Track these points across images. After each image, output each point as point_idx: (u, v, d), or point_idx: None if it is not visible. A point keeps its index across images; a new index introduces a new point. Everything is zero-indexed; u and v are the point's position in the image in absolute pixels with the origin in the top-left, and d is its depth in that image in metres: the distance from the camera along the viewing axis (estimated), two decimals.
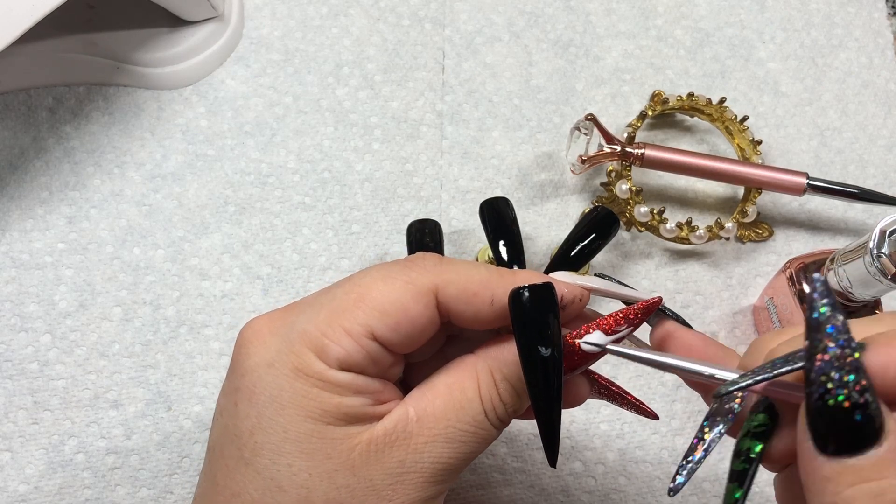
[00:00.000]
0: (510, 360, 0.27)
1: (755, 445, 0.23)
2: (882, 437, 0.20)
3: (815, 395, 0.20)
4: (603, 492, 0.40)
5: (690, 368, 0.24)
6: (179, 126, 0.47)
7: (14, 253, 0.43)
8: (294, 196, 0.46)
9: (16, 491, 0.39)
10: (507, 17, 0.51)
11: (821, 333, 0.20)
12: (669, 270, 0.45)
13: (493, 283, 0.27)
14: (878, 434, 0.20)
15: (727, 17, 0.52)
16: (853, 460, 0.20)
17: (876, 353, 0.20)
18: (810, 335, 0.20)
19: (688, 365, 0.24)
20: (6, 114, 0.46)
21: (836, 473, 0.20)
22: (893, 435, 0.20)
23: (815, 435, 0.20)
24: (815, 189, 0.44)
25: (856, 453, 0.20)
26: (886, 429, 0.20)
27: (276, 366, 0.26)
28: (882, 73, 0.51)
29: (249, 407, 0.26)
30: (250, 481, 0.26)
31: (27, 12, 0.36)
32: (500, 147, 0.48)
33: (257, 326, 0.27)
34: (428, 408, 0.26)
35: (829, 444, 0.20)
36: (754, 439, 0.23)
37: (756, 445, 0.23)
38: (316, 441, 0.25)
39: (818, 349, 0.20)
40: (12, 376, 0.41)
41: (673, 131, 0.49)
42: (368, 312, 0.26)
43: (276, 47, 0.49)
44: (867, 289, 0.36)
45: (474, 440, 0.26)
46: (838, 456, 0.20)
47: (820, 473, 0.20)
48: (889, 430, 0.20)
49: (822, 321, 0.20)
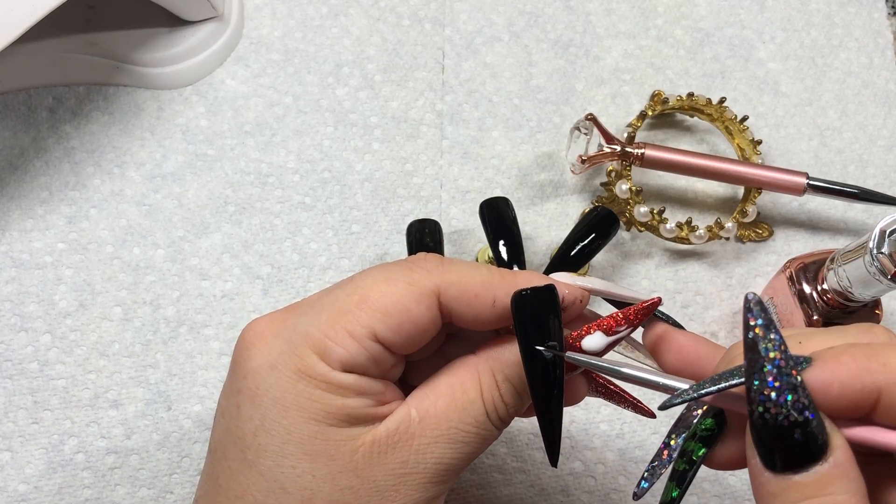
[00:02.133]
0: (512, 360, 0.27)
1: (699, 449, 0.23)
2: (827, 453, 0.20)
3: (756, 414, 0.20)
4: (603, 492, 0.40)
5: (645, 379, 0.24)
6: (179, 126, 0.47)
7: (14, 253, 0.43)
8: (294, 196, 0.46)
9: (16, 491, 0.39)
10: (507, 17, 0.51)
11: (756, 353, 0.20)
12: (669, 270, 0.45)
13: (494, 284, 0.27)
14: (822, 450, 0.20)
15: (727, 17, 0.52)
16: (798, 477, 0.20)
17: (819, 369, 0.20)
18: (747, 355, 0.20)
19: (642, 375, 0.24)
20: (6, 114, 0.46)
21: (782, 490, 0.20)
22: (839, 450, 0.20)
23: (761, 451, 0.20)
24: (815, 189, 0.44)
25: (800, 470, 0.20)
26: (832, 445, 0.20)
27: (278, 368, 0.26)
28: (882, 73, 0.51)
29: (252, 409, 0.26)
30: (254, 483, 0.26)
31: (27, 12, 0.36)
32: (500, 147, 0.48)
33: (259, 328, 0.27)
34: (430, 408, 0.26)
35: (775, 460, 0.20)
36: (699, 442, 0.23)
37: (700, 449, 0.23)
38: (319, 443, 0.25)
39: (755, 368, 0.20)
40: (12, 376, 0.41)
41: (673, 131, 0.49)
42: (370, 314, 0.26)
43: (276, 47, 0.49)
44: (867, 289, 0.36)
45: (476, 440, 0.27)
46: (784, 472, 0.20)
47: (766, 489, 0.20)
48: (834, 445, 0.20)
49: (757, 341, 0.20)
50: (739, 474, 0.41)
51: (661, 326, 0.28)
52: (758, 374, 0.20)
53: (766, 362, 0.20)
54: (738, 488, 0.41)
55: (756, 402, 0.20)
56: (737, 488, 0.41)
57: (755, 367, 0.20)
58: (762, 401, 0.20)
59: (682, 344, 0.27)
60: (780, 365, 0.20)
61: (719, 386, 0.21)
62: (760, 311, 0.20)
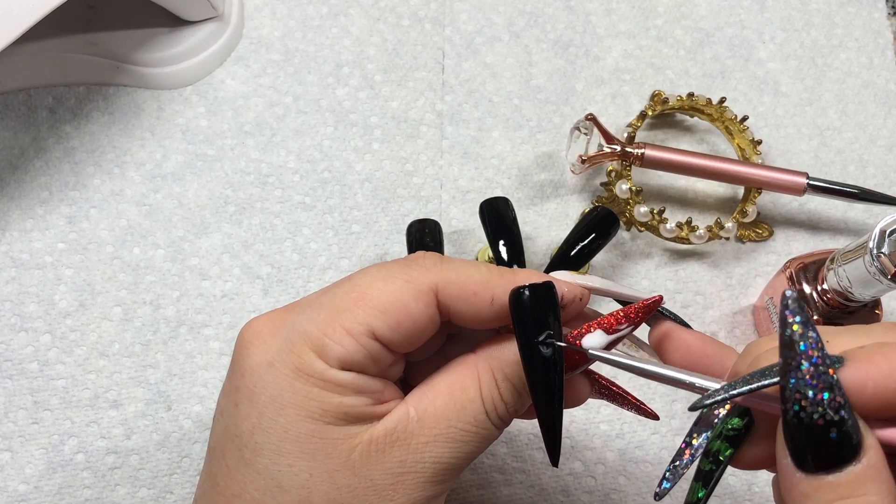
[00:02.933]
0: (511, 359, 0.27)
1: (725, 449, 0.23)
2: (860, 454, 0.20)
3: (791, 413, 0.20)
4: (603, 492, 0.40)
5: (673, 377, 0.23)
6: (179, 126, 0.47)
7: (14, 253, 0.43)
8: (294, 196, 0.46)
9: (16, 491, 0.39)
10: (507, 17, 0.51)
11: (793, 351, 0.20)
12: (669, 270, 0.45)
13: (493, 282, 0.27)
14: (856, 450, 0.20)
15: (727, 17, 0.52)
16: (831, 477, 0.20)
17: (854, 369, 0.20)
18: (784, 352, 0.20)
19: (670, 373, 0.23)
20: (6, 114, 0.46)
21: (814, 490, 0.20)
22: (872, 451, 0.20)
23: (794, 451, 0.20)
24: (815, 189, 0.44)
25: (833, 470, 0.20)
26: (865, 445, 0.20)
27: (276, 366, 0.26)
28: (882, 73, 0.51)
29: (250, 407, 0.26)
30: (251, 481, 0.26)
31: (27, 12, 0.36)
32: (500, 147, 0.48)
33: (257, 327, 0.27)
34: (429, 407, 0.26)
35: (808, 460, 0.20)
36: (725, 442, 0.23)
37: (726, 449, 0.23)
38: (316, 441, 0.25)
39: (791, 367, 0.20)
40: (12, 376, 0.41)
41: (673, 131, 0.49)
42: (369, 311, 0.26)
43: (276, 47, 0.49)
44: (867, 289, 0.36)
45: (475, 440, 0.26)
46: (816, 472, 0.20)
47: (798, 490, 0.20)
48: (868, 446, 0.20)
49: (795, 338, 0.20)
50: (740, 474, 0.41)
51: (666, 324, 0.28)
52: (794, 371, 0.20)
53: (803, 360, 0.19)
54: (737, 488, 0.41)
55: (791, 401, 0.20)
56: (736, 488, 0.41)
57: (792, 364, 0.20)
58: (798, 399, 0.20)
59: (688, 343, 0.27)
60: (818, 363, 0.19)
61: (751, 386, 0.21)
62: (798, 309, 0.20)
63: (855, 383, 0.20)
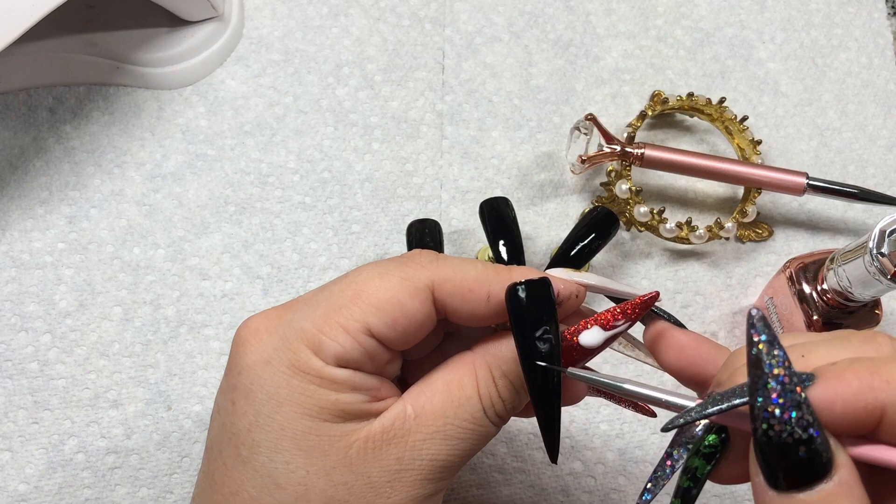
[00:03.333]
0: (508, 356, 0.27)
1: (703, 466, 0.23)
2: (832, 472, 0.19)
3: (760, 431, 0.20)
4: (603, 492, 0.40)
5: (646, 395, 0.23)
6: (179, 126, 0.47)
7: (14, 253, 0.43)
8: (294, 196, 0.46)
9: (16, 490, 0.39)
10: (507, 17, 0.51)
11: (760, 370, 0.20)
12: (669, 270, 0.45)
13: (489, 279, 0.27)
14: (827, 468, 0.19)
15: (727, 17, 0.52)
16: (802, 495, 0.19)
17: (823, 387, 0.20)
18: (751, 371, 0.20)
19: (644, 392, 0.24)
20: (6, 114, 0.46)
21: None
22: (844, 469, 0.20)
23: (765, 469, 0.20)
24: (815, 189, 0.44)
25: (805, 488, 0.19)
26: (836, 462, 0.20)
27: (272, 363, 0.26)
28: (882, 73, 0.51)
29: (246, 405, 0.26)
30: (248, 479, 0.26)
31: (27, 12, 0.36)
32: (500, 147, 0.48)
33: (254, 325, 0.27)
34: (426, 405, 0.26)
35: (779, 478, 0.20)
36: (702, 460, 0.23)
37: (703, 466, 0.23)
38: (313, 438, 0.25)
39: (759, 385, 0.20)
40: (12, 376, 0.41)
41: (673, 131, 0.49)
42: (365, 309, 0.26)
43: (276, 47, 0.49)
44: (867, 289, 0.36)
45: (473, 437, 0.26)
46: (788, 490, 0.20)
47: None
48: (839, 463, 0.20)
49: (762, 357, 0.20)
50: None
51: (661, 324, 0.28)
52: (762, 390, 0.19)
53: (769, 379, 0.19)
54: (737, 489, 0.41)
55: (760, 420, 0.20)
56: (736, 488, 0.41)
57: (759, 383, 0.20)
58: (766, 418, 0.19)
59: (682, 343, 0.27)
60: (784, 382, 0.19)
61: (721, 406, 0.21)
62: (764, 328, 0.20)
63: (824, 402, 0.20)
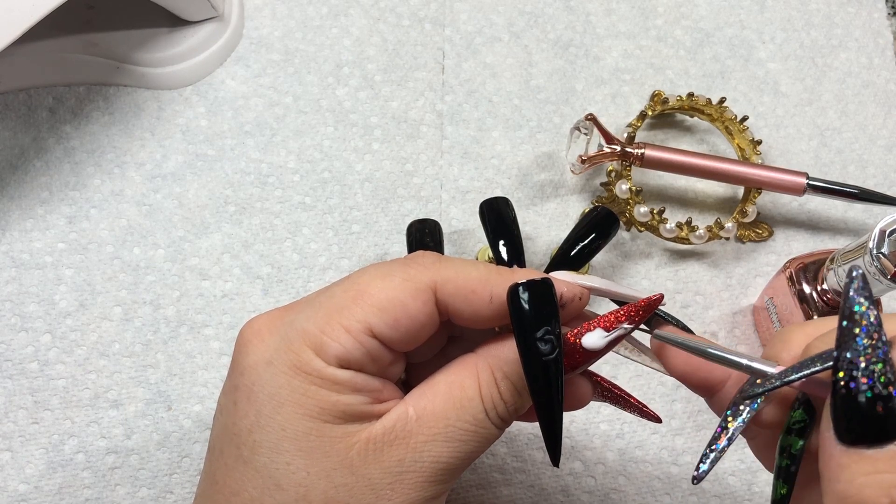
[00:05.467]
0: (511, 358, 0.27)
1: (796, 442, 0.23)
2: None
3: (840, 384, 0.20)
4: (603, 492, 0.40)
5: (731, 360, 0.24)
6: (179, 126, 0.47)
7: (14, 253, 0.43)
8: (294, 196, 0.46)
9: (16, 490, 0.39)
10: (507, 17, 0.51)
11: (854, 323, 0.20)
12: (669, 270, 0.45)
13: (491, 280, 0.27)
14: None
15: (727, 17, 0.52)
16: (871, 451, 0.20)
17: None
18: (844, 327, 0.20)
19: (727, 356, 0.24)
20: (6, 114, 0.46)
21: (853, 462, 0.20)
22: None
23: (837, 423, 0.20)
24: (815, 189, 0.44)
25: (874, 445, 0.20)
26: None
27: (274, 364, 0.26)
28: (882, 73, 0.51)
29: (248, 405, 0.26)
30: (249, 480, 0.26)
31: (27, 12, 0.36)
32: (500, 147, 0.48)
33: (257, 325, 0.27)
34: (428, 406, 0.26)
35: (850, 433, 0.20)
36: (795, 436, 0.23)
37: (797, 442, 0.23)
38: (314, 439, 0.25)
39: (849, 339, 0.20)
40: (12, 376, 0.41)
41: (673, 131, 0.49)
42: (367, 309, 0.26)
43: (276, 47, 0.49)
44: None
45: (475, 439, 0.26)
46: (856, 445, 0.20)
47: (836, 461, 0.20)
48: None
49: (859, 315, 0.20)
50: (739, 474, 0.41)
51: (668, 329, 0.28)
52: (852, 343, 0.20)
53: (862, 334, 0.20)
54: (737, 488, 0.41)
55: (845, 371, 0.20)
56: (736, 488, 0.41)
57: (849, 335, 0.20)
58: (850, 370, 0.20)
59: None
60: (875, 339, 0.20)
61: (803, 373, 0.21)
62: (866, 288, 0.20)
63: None
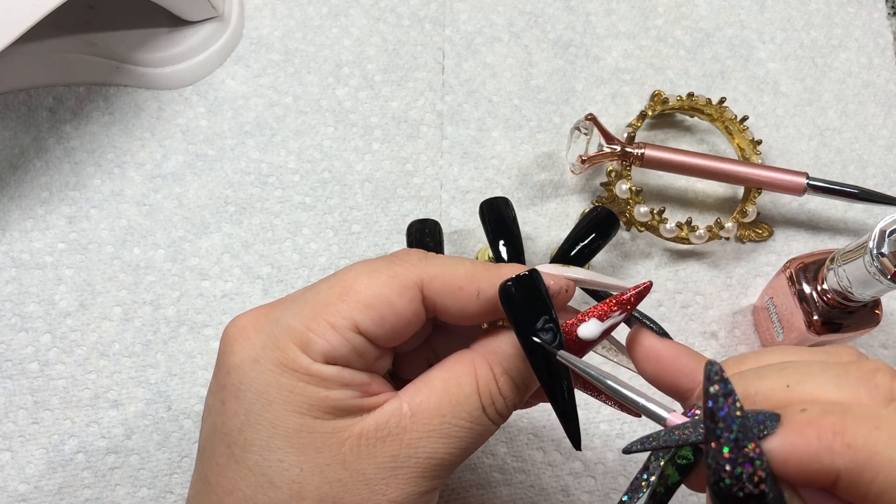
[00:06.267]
0: (509, 353, 0.27)
1: (674, 476, 0.23)
2: None
3: (712, 480, 0.19)
4: (603, 492, 0.40)
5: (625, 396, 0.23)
6: (179, 126, 0.47)
7: (14, 253, 0.43)
8: (294, 196, 0.46)
9: (16, 490, 0.39)
10: (507, 17, 0.51)
11: (714, 423, 0.19)
12: (669, 270, 0.45)
13: (478, 276, 0.27)
14: None
15: (727, 17, 0.52)
16: None
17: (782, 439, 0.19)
18: (706, 422, 0.20)
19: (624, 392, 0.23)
20: (6, 114, 0.46)
21: None
22: None
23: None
24: (815, 189, 0.44)
25: None
26: None
27: (261, 362, 0.26)
28: (882, 73, 0.51)
29: (237, 404, 0.26)
30: (242, 478, 0.26)
31: (27, 12, 0.36)
32: (500, 147, 0.48)
33: (242, 324, 0.27)
34: (423, 403, 0.26)
35: None
36: (675, 470, 0.23)
37: (675, 475, 0.23)
38: (305, 435, 0.25)
39: (713, 437, 0.19)
40: (12, 376, 0.41)
41: (673, 131, 0.49)
42: (353, 306, 0.26)
43: (276, 47, 0.49)
44: (867, 289, 0.36)
45: (470, 435, 0.26)
46: None
47: None
48: None
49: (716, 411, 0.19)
50: None
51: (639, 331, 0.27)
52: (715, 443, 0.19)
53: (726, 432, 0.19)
54: None
55: (712, 469, 0.19)
56: None
57: (712, 435, 0.19)
58: (717, 470, 0.19)
59: (659, 353, 0.26)
60: (738, 438, 0.19)
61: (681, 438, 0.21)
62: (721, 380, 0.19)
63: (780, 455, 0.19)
